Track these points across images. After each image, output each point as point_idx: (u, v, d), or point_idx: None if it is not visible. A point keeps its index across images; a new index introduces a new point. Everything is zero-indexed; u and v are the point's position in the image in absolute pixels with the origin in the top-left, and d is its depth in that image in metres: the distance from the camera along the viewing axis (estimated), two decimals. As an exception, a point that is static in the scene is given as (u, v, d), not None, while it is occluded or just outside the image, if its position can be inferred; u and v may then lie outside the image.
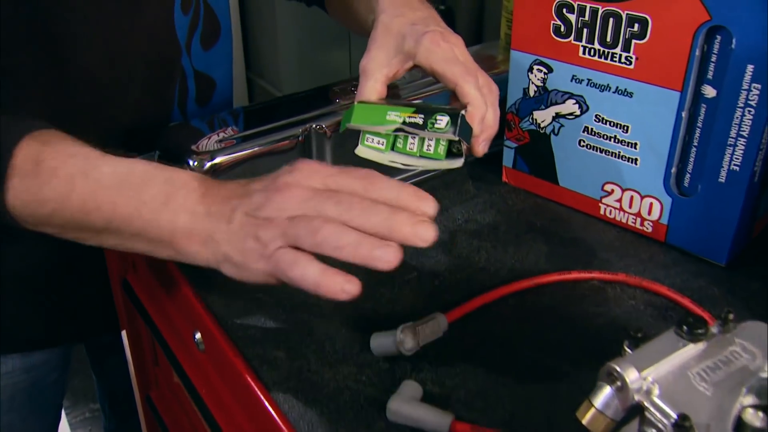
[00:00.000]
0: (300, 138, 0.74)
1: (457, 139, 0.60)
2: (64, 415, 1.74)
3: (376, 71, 0.65)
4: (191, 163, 0.69)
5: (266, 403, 0.55)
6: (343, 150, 0.76)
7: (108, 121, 0.78)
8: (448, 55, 0.62)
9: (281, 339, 0.61)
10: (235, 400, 0.62)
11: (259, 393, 0.56)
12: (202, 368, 0.68)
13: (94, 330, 0.96)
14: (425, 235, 0.46)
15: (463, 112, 0.61)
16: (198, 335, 0.66)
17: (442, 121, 0.59)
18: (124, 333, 0.92)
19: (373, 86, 0.64)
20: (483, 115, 0.61)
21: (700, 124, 0.65)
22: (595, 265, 0.70)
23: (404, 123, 0.60)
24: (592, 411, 0.41)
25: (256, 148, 0.71)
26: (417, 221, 0.46)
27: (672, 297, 0.64)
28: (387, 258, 0.46)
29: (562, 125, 0.75)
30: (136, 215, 0.54)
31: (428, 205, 0.49)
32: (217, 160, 0.69)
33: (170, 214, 0.54)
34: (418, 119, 0.59)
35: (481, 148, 0.62)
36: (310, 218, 0.48)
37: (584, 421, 0.43)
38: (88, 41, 0.72)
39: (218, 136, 0.73)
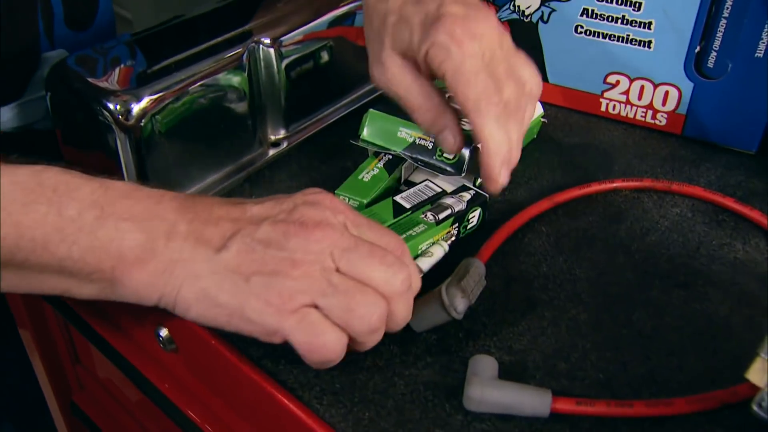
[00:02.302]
0: (244, 59, 0.57)
1: (462, 176, 0.54)
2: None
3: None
4: (112, 106, 0.50)
5: (295, 410, 0.42)
6: (292, 66, 0.60)
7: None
8: (467, 64, 0.43)
9: (290, 325, 0.46)
10: (237, 413, 0.48)
11: (283, 399, 0.42)
12: (172, 375, 0.52)
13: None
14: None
15: (477, 145, 0.50)
16: (164, 332, 0.50)
17: None
18: (23, 332, 0.73)
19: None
20: (501, 160, 0.46)
21: (729, -8, 0.56)
22: (615, 171, 0.60)
23: (414, 144, 0.55)
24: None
25: (188, 79, 0.54)
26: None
27: (714, 200, 0.56)
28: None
29: (553, 10, 0.63)
30: (56, 239, 0.37)
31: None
32: (145, 101, 0.51)
33: (111, 231, 0.37)
34: (428, 143, 0.55)
35: (492, 188, 0.48)
36: (347, 289, 0.38)
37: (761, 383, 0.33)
38: None
39: (123, 71, 0.54)
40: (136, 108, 0.51)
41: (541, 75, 0.49)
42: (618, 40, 0.61)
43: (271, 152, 0.62)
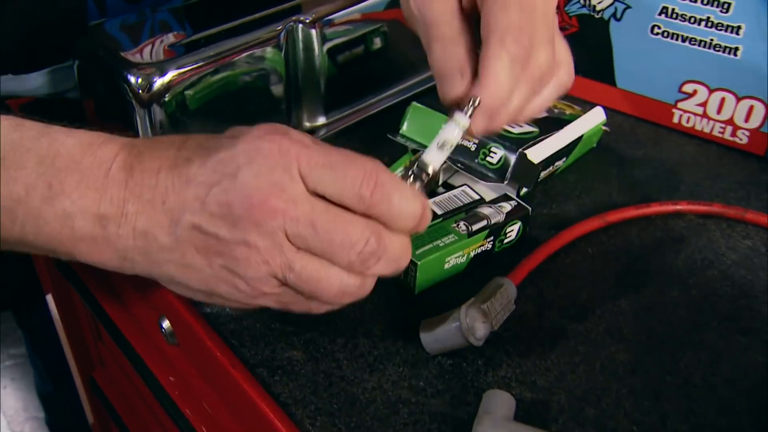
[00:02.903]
0: (281, 38, 0.53)
1: (504, 183, 0.49)
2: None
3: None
4: (133, 79, 0.47)
5: (281, 429, 0.38)
6: (336, 50, 0.56)
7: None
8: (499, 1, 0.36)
9: (293, 332, 0.43)
10: (231, 415, 0.45)
11: (271, 414, 0.38)
12: (174, 369, 0.49)
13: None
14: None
15: (525, 151, 0.48)
16: (166, 324, 0.47)
17: (496, 155, 0.50)
18: (49, 297, 0.72)
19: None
20: (498, 106, 0.36)
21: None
22: (682, 192, 0.54)
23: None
24: None
25: (222, 57, 0.50)
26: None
27: (795, 232, 0.49)
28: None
29: (628, 6, 0.57)
30: (7, 220, 0.35)
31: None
32: (169, 76, 0.48)
33: (60, 216, 0.35)
34: (472, 144, 0.50)
35: (476, 128, 0.37)
36: (308, 275, 0.35)
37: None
38: None
39: (161, 42, 0.51)
40: (159, 82, 0.48)
41: (607, 77, 0.43)
42: (699, 45, 0.55)
43: (308, 139, 0.58)
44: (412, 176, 0.37)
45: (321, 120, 0.59)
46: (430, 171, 0.37)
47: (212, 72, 0.50)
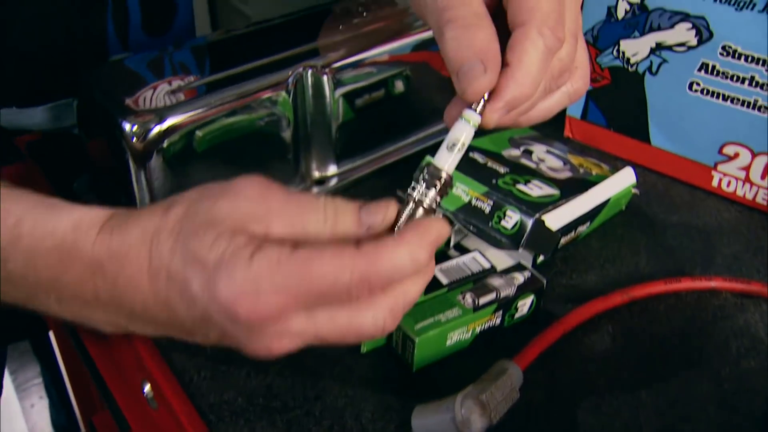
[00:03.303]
0: (290, 84, 0.50)
1: (518, 251, 0.45)
2: (9, 379, 1.53)
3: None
4: (127, 127, 0.45)
5: None
6: (351, 96, 0.53)
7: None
8: None
9: (277, 410, 0.39)
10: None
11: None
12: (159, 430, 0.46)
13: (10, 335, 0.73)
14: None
15: (543, 216, 0.45)
16: (147, 388, 0.44)
17: (511, 219, 0.46)
18: (51, 334, 0.70)
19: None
20: (523, 100, 0.32)
21: None
22: (718, 265, 0.49)
23: (468, 205, 0.47)
24: None
25: (225, 103, 0.48)
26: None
27: None
28: None
29: (664, 60, 0.52)
30: None
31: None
32: (169, 123, 0.46)
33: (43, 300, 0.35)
34: (486, 205, 0.47)
35: (492, 117, 0.33)
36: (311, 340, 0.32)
37: None
38: None
39: (170, 85, 0.49)
40: (155, 131, 0.45)
41: (641, 133, 0.38)
42: (742, 105, 0.50)
43: (315, 190, 0.55)
44: (424, 184, 0.33)
45: (332, 169, 0.55)
46: (443, 176, 0.33)
47: (214, 120, 0.48)
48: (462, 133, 0.33)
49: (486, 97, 0.32)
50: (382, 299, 0.31)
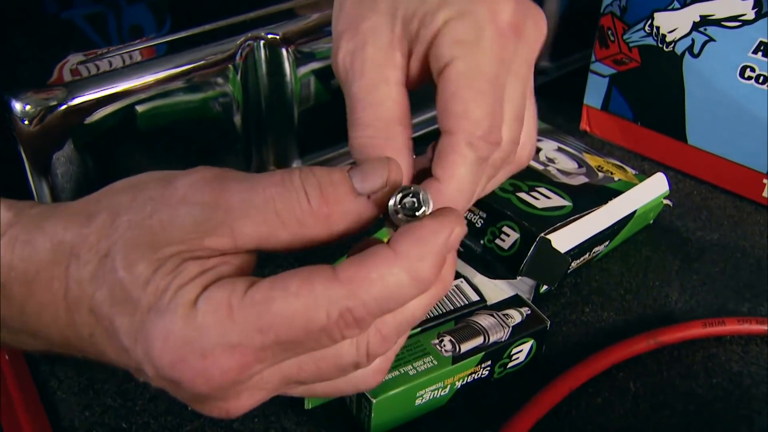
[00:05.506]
0: (238, 56, 0.40)
1: (516, 279, 0.37)
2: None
3: (382, 82, 0.28)
4: (17, 106, 0.35)
5: None
6: (310, 78, 0.43)
7: None
8: (492, 68, 0.27)
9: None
10: None
11: None
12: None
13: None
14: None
15: (548, 236, 0.36)
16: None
17: (508, 237, 0.37)
18: None
19: (383, 123, 0.28)
20: (462, 205, 0.28)
21: None
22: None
23: None
24: None
25: (156, 81, 0.38)
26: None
27: None
28: None
29: (710, 39, 0.42)
30: None
31: None
32: (78, 100, 0.36)
33: None
34: (477, 218, 0.39)
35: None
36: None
37: None
38: None
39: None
40: (55, 113, 0.35)
41: (676, 130, 0.30)
42: (808, 98, 0.40)
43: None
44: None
45: (295, 164, 0.46)
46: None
47: (141, 102, 0.38)
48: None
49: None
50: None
